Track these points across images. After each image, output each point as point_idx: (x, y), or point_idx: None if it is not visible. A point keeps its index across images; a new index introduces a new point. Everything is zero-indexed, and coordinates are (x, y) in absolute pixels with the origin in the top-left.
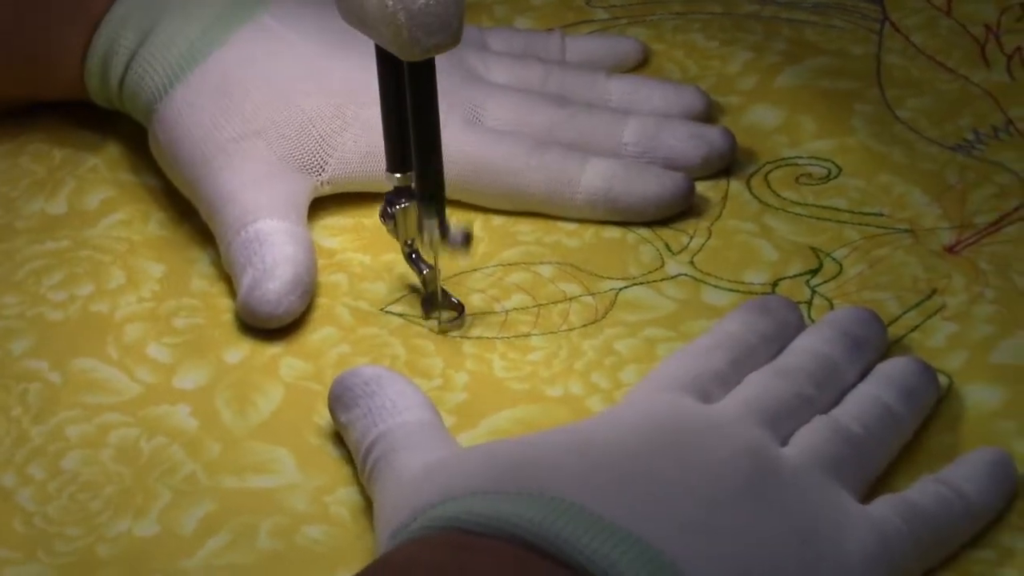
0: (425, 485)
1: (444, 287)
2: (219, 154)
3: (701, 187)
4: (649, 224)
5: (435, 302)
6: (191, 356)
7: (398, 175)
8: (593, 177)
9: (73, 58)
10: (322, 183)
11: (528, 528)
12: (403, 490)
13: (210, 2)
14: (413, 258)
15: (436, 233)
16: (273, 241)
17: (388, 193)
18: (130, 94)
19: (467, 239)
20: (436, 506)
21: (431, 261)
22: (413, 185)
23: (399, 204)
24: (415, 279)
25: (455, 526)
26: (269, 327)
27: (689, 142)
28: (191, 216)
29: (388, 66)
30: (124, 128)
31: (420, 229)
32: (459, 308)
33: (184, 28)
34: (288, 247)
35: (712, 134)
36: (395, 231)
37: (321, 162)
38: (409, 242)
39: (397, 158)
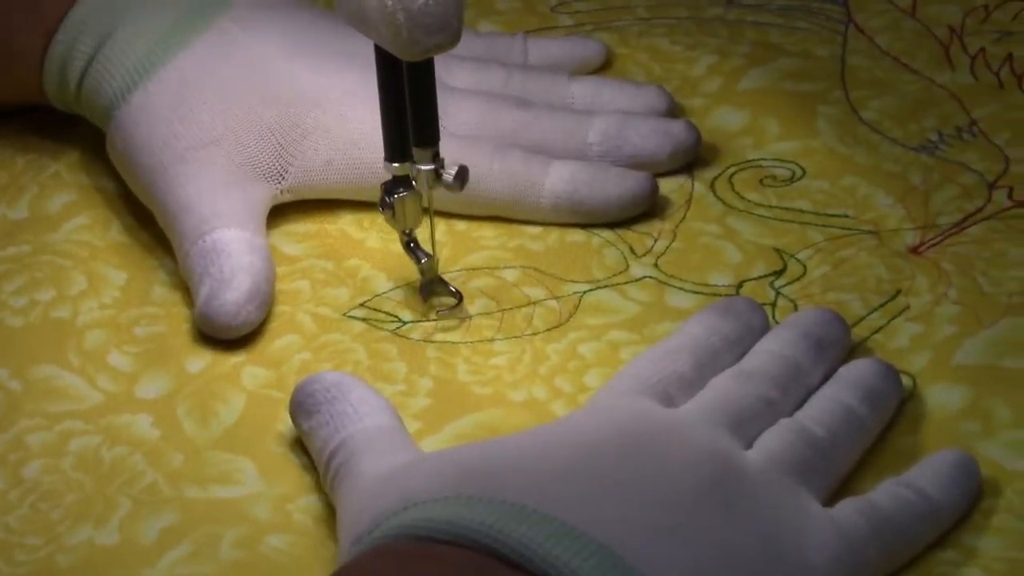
0: (385, 491)
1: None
2: (177, 163)
3: (665, 189)
4: (613, 227)
5: (433, 290)
6: (153, 365)
7: (396, 164)
8: (557, 180)
9: (31, 62)
10: (282, 191)
11: (488, 534)
12: (364, 496)
13: (170, 7)
14: (411, 247)
15: (431, 176)
16: (231, 251)
17: (386, 183)
18: (88, 100)
19: (461, 176)
20: (397, 513)
21: (429, 250)
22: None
23: (397, 193)
24: (380, 284)
25: (414, 534)
26: (227, 337)
27: (654, 138)
28: (153, 222)
29: (387, 56)
30: (87, 133)
31: (413, 177)
32: (458, 296)
33: (142, 34)
34: (246, 257)
35: (676, 128)
36: (393, 220)
37: (281, 170)
38: (407, 231)
39: (395, 148)
